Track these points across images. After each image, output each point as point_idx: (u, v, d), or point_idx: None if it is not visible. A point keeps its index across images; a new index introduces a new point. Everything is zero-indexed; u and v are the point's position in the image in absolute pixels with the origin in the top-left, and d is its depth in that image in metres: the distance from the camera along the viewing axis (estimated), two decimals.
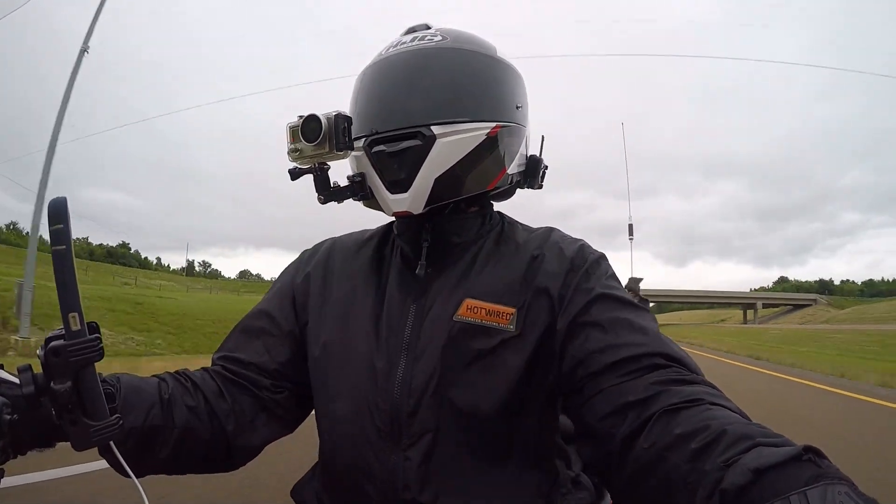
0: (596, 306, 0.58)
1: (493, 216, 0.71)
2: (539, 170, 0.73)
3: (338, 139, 0.59)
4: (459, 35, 0.67)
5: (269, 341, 0.69)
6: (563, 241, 0.66)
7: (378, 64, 0.67)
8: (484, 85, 0.65)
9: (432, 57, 0.64)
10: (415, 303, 0.63)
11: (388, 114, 0.63)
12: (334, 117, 0.59)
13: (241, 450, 0.65)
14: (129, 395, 0.55)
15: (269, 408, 0.67)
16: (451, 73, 0.64)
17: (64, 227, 0.44)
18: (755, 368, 11.87)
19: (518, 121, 0.68)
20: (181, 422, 0.59)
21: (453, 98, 0.63)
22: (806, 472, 0.35)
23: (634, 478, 0.47)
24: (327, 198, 0.64)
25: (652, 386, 0.50)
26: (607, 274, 0.63)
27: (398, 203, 0.62)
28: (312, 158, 0.61)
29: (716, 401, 0.47)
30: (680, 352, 0.54)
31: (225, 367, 0.67)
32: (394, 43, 0.68)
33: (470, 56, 0.65)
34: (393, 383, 0.60)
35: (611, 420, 0.50)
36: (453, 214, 0.67)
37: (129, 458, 0.51)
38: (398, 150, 0.61)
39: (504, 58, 0.69)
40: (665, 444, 0.44)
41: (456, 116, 0.62)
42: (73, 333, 0.44)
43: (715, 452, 0.40)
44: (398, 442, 0.59)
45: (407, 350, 0.61)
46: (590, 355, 0.55)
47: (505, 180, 0.67)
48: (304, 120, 0.59)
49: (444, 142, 0.60)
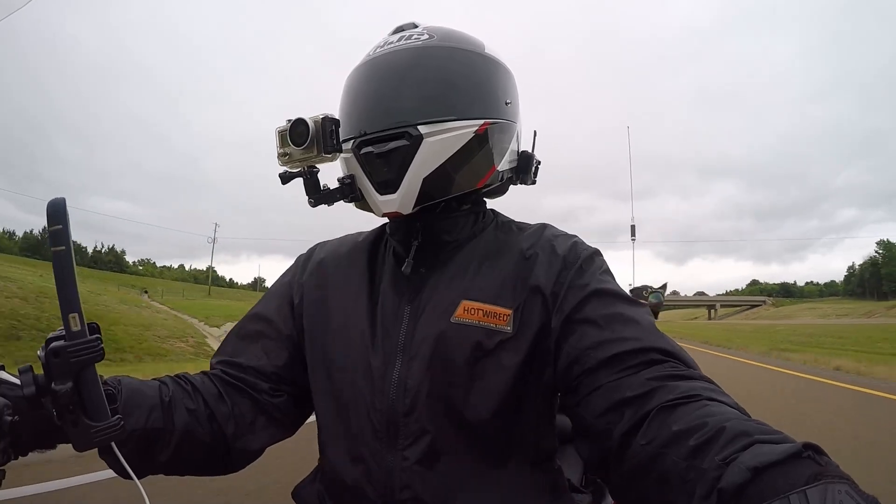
0: (590, 302, 0.58)
1: (485, 214, 0.71)
2: (531, 165, 0.72)
3: (325, 142, 0.59)
4: (446, 33, 0.67)
5: (267, 345, 0.69)
6: (556, 238, 0.66)
7: (365, 65, 0.67)
8: (471, 82, 0.65)
9: (418, 56, 0.64)
10: (409, 303, 0.63)
11: (376, 115, 0.63)
12: (321, 120, 0.59)
13: (241, 453, 0.65)
14: (130, 398, 0.55)
15: (269, 411, 0.67)
16: (438, 72, 0.64)
17: (63, 228, 0.44)
18: (699, 349, 17.43)
19: (507, 117, 0.68)
20: (181, 424, 0.59)
21: (440, 96, 0.63)
22: (805, 469, 0.34)
23: (633, 475, 0.47)
24: (317, 201, 0.64)
25: (648, 382, 0.49)
26: (601, 269, 0.63)
27: (387, 204, 0.62)
28: (301, 162, 0.61)
29: (713, 396, 0.46)
30: (676, 346, 0.54)
31: (224, 370, 0.67)
32: (381, 43, 0.68)
33: (456, 53, 0.65)
34: (389, 384, 0.60)
35: (608, 417, 0.50)
36: (445, 213, 0.67)
37: (130, 460, 0.51)
38: (386, 151, 0.61)
39: (492, 54, 0.69)
40: (663, 440, 0.44)
41: (443, 115, 0.62)
42: (73, 334, 0.45)
43: (713, 450, 0.39)
44: (395, 442, 0.59)
45: (402, 350, 0.61)
46: (585, 352, 0.54)
47: (495, 177, 0.67)
48: (292, 124, 0.60)
49: (432, 141, 0.61)
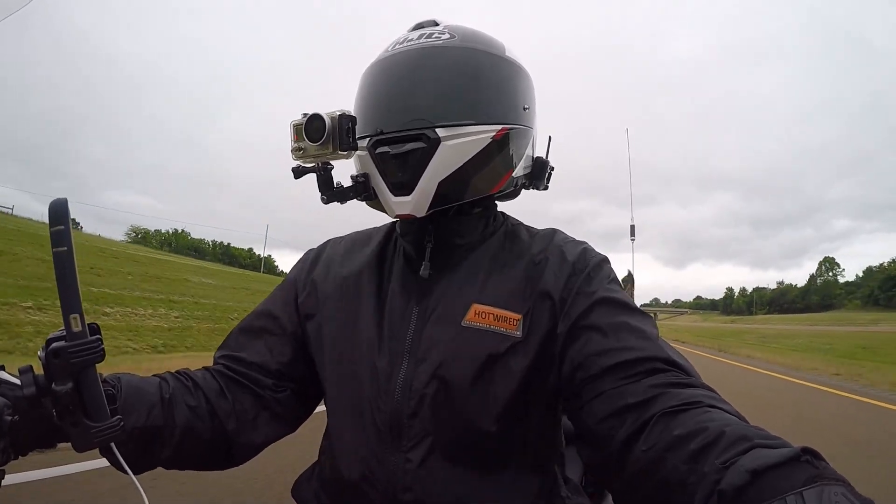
0: (597, 310, 0.58)
1: (496, 217, 0.70)
2: (545, 171, 0.72)
3: (341, 139, 0.58)
4: (467, 33, 0.66)
5: (271, 341, 0.68)
6: (566, 244, 0.66)
7: (384, 61, 0.65)
8: (491, 86, 0.64)
9: (439, 56, 0.63)
10: (417, 305, 0.63)
11: (393, 114, 0.62)
12: (338, 117, 0.58)
13: (243, 448, 0.65)
14: (130, 395, 0.55)
15: (271, 407, 0.66)
16: (458, 74, 0.62)
17: (65, 229, 0.43)
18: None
19: (525, 122, 0.66)
20: (182, 421, 0.58)
21: (459, 99, 0.62)
22: (803, 472, 0.35)
23: (634, 479, 0.47)
24: (330, 198, 0.63)
25: (651, 389, 0.50)
26: (609, 278, 0.62)
27: (401, 206, 0.61)
28: (316, 158, 0.60)
29: (714, 403, 0.47)
30: (679, 356, 0.54)
31: (227, 366, 0.67)
32: (400, 39, 0.66)
33: (477, 55, 0.64)
34: (394, 385, 0.60)
35: (610, 422, 0.50)
36: (457, 216, 0.66)
37: (131, 457, 0.51)
38: (402, 153, 0.60)
39: (512, 57, 0.67)
40: (664, 445, 0.44)
41: (461, 119, 0.61)
42: (74, 335, 0.44)
43: (713, 454, 0.40)
44: (398, 444, 0.58)
45: (409, 352, 0.60)
46: (590, 358, 0.55)
47: (510, 183, 0.66)
48: (308, 119, 0.58)
49: (449, 145, 0.59)
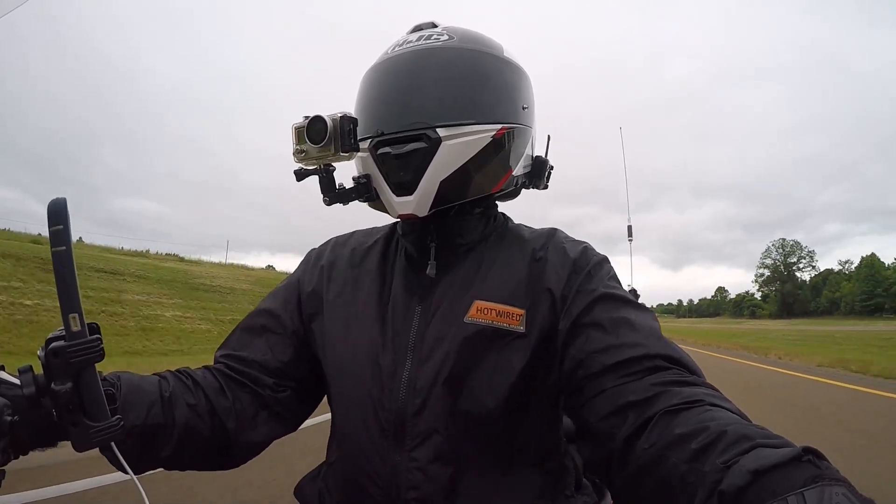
0: (598, 307, 0.58)
1: (496, 217, 0.71)
2: (545, 170, 0.72)
3: (343, 141, 0.58)
4: (466, 34, 0.66)
5: (272, 340, 0.68)
6: (567, 242, 0.66)
7: (384, 63, 0.66)
8: (490, 86, 0.64)
9: (438, 57, 0.63)
10: (420, 303, 0.63)
11: (394, 115, 0.62)
12: (340, 119, 0.58)
13: (243, 447, 0.65)
14: (130, 394, 0.55)
15: (271, 406, 0.66)
16: (457, 74, 0.63)
17: (64, 229, 0.43)
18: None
19: (524, 122, 0.67)
20: (182, 420, 0.58)
21: (459, 99, 0.62)
22: (804, 473, 0.35)
23: (635, 478, 0.47)
24: (332, 199, 0.63)
25: (653, 387, 0.50)
26: (609, 275, 0.63)
27: (403, 206, 0.61)
28: (318, 160, 0.60)
29: (716, 402, 0.47)
30: (681, 353, 0.54)
31: (228, 364, 0.67)
32: (399, 42, 0.67)
33: (476, 56, 0.65)
34: (398, 383, 0.60)
35: (612, 420, 0.50)
36: (458, 216, 0.66)
37: (131, 456, 0.51)
38: (403, 153, 0.60)
39: (511, 57, 0.68)
40: (665, 444, 0.44)
41: (462, 118, 0.61)
42: (73, 334, 0.44)
43: (714, 453, 0.40)
44: (402, 442, 0.58)
45: (413, 350, 0.61)
46: (591, 356, 0.55)
47: (510, 182, 0.67)
48: (310, 121, 0.59)
49: (450, 144, 0.60)
